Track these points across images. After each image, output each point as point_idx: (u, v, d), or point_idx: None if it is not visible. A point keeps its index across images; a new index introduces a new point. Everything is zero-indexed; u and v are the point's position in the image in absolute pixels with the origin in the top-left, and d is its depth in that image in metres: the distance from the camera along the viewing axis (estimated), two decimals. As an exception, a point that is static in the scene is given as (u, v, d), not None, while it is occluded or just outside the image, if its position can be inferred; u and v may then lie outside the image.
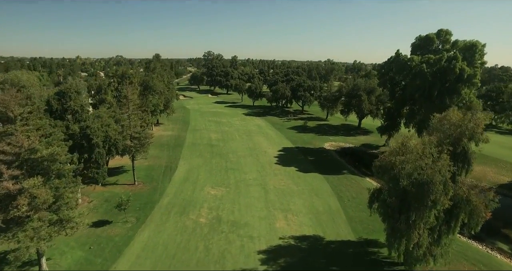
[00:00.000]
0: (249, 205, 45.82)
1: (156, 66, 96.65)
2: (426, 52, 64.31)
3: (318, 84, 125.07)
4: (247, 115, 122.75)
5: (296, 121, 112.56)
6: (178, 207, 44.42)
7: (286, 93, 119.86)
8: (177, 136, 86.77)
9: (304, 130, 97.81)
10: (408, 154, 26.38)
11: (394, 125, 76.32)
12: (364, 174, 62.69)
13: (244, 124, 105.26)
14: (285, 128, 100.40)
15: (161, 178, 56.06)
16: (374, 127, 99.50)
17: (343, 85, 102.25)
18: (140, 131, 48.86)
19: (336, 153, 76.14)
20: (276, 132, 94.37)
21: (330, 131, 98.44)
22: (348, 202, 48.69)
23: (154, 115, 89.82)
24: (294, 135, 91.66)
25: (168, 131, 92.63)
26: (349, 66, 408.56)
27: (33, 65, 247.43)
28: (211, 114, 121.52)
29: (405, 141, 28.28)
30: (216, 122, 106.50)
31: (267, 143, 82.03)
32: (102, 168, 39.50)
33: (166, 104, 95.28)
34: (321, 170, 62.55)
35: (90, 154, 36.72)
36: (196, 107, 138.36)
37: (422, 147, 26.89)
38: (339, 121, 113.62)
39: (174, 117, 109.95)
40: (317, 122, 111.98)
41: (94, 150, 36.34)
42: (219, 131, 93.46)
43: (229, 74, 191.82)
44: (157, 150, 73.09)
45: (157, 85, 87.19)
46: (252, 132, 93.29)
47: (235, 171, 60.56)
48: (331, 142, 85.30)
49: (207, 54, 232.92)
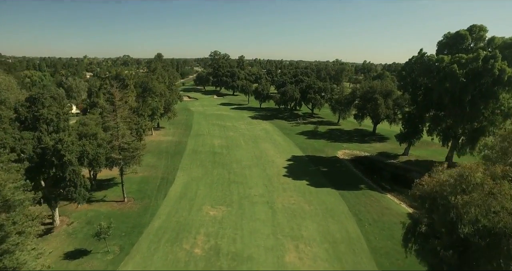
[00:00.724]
0: (254, 231, 39.11)
1: (157, 67, 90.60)
2: (456, 51, 56.72)
3: (329, 86, 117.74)
4: (253, 118, 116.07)
5: (305, 125, 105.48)
6: (170, 233, 37.95)
7: (295, 96, 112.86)
8: (177, 142, 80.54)
9: (315, 136, 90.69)
10: (474, 193, 19.18)
11: (415, 132, 68.81)
12: (384, 189, 55.46)
13: (250, 128, 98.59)
14: (294, 134, 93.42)
15: (154, 193, 49.72)
16: (390, 134, 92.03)
17: (356, 88, 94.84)
18: (129, 141, 42.52)
19: (351, 163, 68.91)
20: (285, 139, 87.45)
21: (343, 137, 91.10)
22: (369, 226, 41.59)
23: (153, 119, 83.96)
24: (304, 142, 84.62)
25: (169, 136, 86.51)
26: (358, 67, 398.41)
27: (38, 65, 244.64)
28: (216, 118, 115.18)
29: (466, 172, 20.85)
30: (221, 127, 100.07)
31: (275, 151, 75.21)
32: (80, 187, 33.28)
33: (167, 107, 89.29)
34: (336, 184, 55.51)
35: (62, 172, 30.56)
36: (200, 110, 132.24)
37: (491, 183, 19.57)
38: (352, 126, 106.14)
39: (176, 121, 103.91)
40: (328, 127, 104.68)
41: (66, 168, 30.18)
42: (223, 137, 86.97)
43: (236, 75, 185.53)
44: (154, 158, 66.98)
45: (157, 87, 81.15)
46: (258, 138, 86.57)
47: (238, 185, 53.93)
48: (344, 150, 78.05)
49: (213, 53, 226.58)
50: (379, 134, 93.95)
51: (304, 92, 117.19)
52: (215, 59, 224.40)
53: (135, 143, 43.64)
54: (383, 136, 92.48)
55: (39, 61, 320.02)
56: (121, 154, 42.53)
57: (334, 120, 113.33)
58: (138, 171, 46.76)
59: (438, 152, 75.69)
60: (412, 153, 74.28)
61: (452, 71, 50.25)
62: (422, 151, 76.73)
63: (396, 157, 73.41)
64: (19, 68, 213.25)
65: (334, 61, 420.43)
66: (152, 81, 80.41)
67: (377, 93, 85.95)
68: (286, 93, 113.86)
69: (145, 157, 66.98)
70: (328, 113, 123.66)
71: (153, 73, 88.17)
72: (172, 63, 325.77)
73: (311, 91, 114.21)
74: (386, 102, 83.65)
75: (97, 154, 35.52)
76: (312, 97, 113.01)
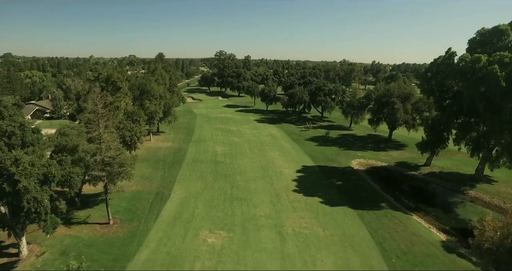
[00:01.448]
0: (259, 265, 32.57)
1: (157, 67, 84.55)
2: (492, 50, 49.50)
3: (340, 88, 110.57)
4: (259, 122, 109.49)
5: (315, 130, 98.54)
6: (159, 268, 31.58)
7: (304, 98, 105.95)
8: (177, 149, 74.37)
9: (326, 143, 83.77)
10: None
11: (439, 141, 61.55)
12: (408, 207, 48.53)
13: (256, 134, 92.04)
14: (303, 140, 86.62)
15: (146, 212, 43.49)
16: (408, 140, 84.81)
17: (371, 90, 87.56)
18: (114, 156, 36.30)
19: (368, 175, 61.93)
20: (293, 145, 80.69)
21: (356, 144, 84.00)
22: (398, 260, 34.72)
23: (152, 124, 77.97)
24: (315, 149, 77.78)
25: (168, 142, 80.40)
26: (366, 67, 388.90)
27: (42, 65, 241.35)
28: (220, 121, 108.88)
29: None
30: (224, 131, 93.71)
31: (283, 160, 68.56)
32: (46, 215, 27.10)
33: (167, 110, 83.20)
34: (353, 202, 48.69)
35: (18, 201, 24.36)
36: (203, 112, 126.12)
37: None
38: (365, 131, 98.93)
39: (177, 124, 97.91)
40: (340, 132, 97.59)
41: (23, 196, 23.94)
42: (227, 143, 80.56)
43: (241, 75, 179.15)
44: (150, 168, 60.89)
45: (155, 89, 75.10)
46: (265, 145, 79.96)
47: (242, 202, 47.45)
48: (359, 159, 71.04)
49: (218, 53, 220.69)
50: (395, 141, 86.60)
51: (313, 95, 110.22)
52: (220, 59, 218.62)
53: (122, 156, 37.34)
54: (399, 142, 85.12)
55: (47, 61, 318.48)
56: (105, 169, 36.34)
57: (346, 125, 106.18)
58: (124, 189, 40.31)
59: (464, 162, 68.32)
60: (434, 163, 66.97)
61: (493, 73, 43.01)
62: (445, 160, 69.35)
63: (417, 167, 66.15)
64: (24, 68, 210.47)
65: (341, 61, 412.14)
66: (151, 83, 74.36)
67: (394, 97, 78.68)
68: (294, 95, 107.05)
69: (141, 166, 61.16)
70: (338, 117, 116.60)
71: (152, 74, 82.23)
72: (178, 63, 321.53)
73: (321, 94, 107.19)
74: (404, 107, 76.33)
75: (69, 174, 29.33)
76: (322, 100, 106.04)
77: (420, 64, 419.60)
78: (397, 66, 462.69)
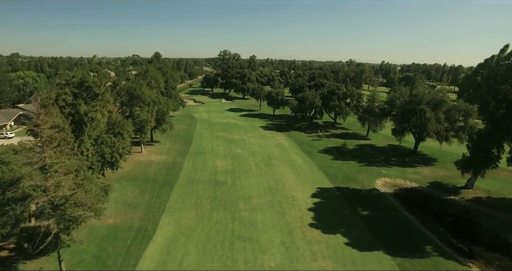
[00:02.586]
0: None
1: (149, 69, 74.16)
2: None
3: (355, 91, 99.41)
4: (266, 129, 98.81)
5: (328, 139, 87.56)
6: None
7: (316, 103, 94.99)
8: (171, 164, 64.04)
9: (343, 156, 72.87)
10: None
11: (487, 159, 50.39)
12: (462, 252, 37.47)
13: (263, 144, 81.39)
14: (316, 152, 75.79)
15: (119, 262, 33.10)
16: (438, 154, 73.85)
17: (395, 95, 76.35)
18: (68, 195, 25.91)
19: (398, 201, 50.94)
20: (305, 159, 69.91)
21: (378, 157, 72.90)
22: None
23: (143, 134, 67.73)
24: (330, 164, 66.95)
25: (162, 154, 70.10)
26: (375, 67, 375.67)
27: (40, 65, 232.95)
28: (222, 128, 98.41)
29: None
30: (227, 141, 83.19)
31: (295, 179, 57.90)
32: None
33: (160, 118, 72.95)
34: (387, 244, 37.89)
35: None
36: (205, 117, 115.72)
37: None
38: (385, 140, 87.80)
39: (175, 132, 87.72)
40: (356, 141, 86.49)
41: None
42: (229, 156, 70.04)
43: (246, 76, 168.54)
44: (136, 191, 50.62)
45: (147, 94, 64.86)
46: (273, 158, 69.30)
47: (246, 244, 36.92)
48: (384, 178, 60.07)
49: (222, 53, 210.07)
50: (422, 154, 75.30)
51: (325, 99, 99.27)
52: (224, 59, 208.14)
53: (80, 195, 26.90)
54: (428, 156, 73.81)
55: (50, 61, 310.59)
56: (54, 214, 26.00)
57: (362, 133, 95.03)
58: (83, 241, 29.71)
59: (512, 183, 57.16)
60: (477, 184, 55.84)
61: None
62: (489, 181, 58.09)
63: (457, 190, 55.00)
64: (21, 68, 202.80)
65: (347, 61, 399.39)
66: (141, 87, 64.12)
67: (423, 104, 67.47)
68: (305, 99, 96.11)
69: (125, 188, 51.15)
70: (352, 123, 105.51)
71: (144, 77, 72.02)
72: (180, 63, 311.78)
73: (334, 98, 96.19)
74: (436, 116, 65.10)
75: None
76: (336, 105, 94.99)
77: (431, 65, 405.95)
78: (406, 67, 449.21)
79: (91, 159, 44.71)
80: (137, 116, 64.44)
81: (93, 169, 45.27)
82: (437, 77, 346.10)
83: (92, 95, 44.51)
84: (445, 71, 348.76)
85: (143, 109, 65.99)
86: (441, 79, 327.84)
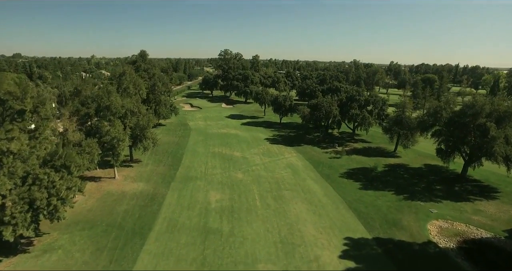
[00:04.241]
0: None
1: (125, 72, 58.21)
2: None
3: (380, 97, 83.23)
4: (272, 142, 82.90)
5: (349, 157, 71.50)
6: None
7: (333, 112, 78.92)
8: (149, 197, 48.35)
9: (372, 182, 56.95)
10: None
11: None
12: None
13: (269, 164, 65.54)
14: (337, 176, 59.92)
15: None
16: (492, 178, 58.20)
17: (440, 106, 60.02)
18: None
19: (470, 263, 34.88)
20: (326, 188, 54.00)
21: (416, 184, 56.82)
22: None
23: (116, 156, 52.00)
24: (360, 196, 51.00)
25: (141, 181, 54.40)
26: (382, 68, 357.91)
27: (29, 66, 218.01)
28: (220, 140, 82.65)
29: None
30: (225, 160, 67.36)
31: (316, 222, 42.04)
32: None
33: (140, 133, 57.33)
34: None
35: None
36: (201, 126, 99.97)
37: None
38: (418, 158, 71.72)
39: (162, 147, 72.55)
40: (383, 160, 70.34)
41: None
42: (227, 184, 54.26)
43: (249, 78, 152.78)
44: (90, 249, 34.99)
45: (118, 104, 49.26)
46: (283, 187, 53.47)
47: None
48: (437, 221, 44.02)
49: (223, 52, 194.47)
50: (473, 179, 59.11)
51: (343, 106, 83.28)
52: (225, 59, 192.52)
53: None
54: (481, 183, 57.58)
55: (49, 62, 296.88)
56: None
57: (388, 148, 78.89)
58: None
59: None
60: None
61: None
62: None
63: (549, 244, 38.80)
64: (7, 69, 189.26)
65: (352, 62, 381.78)
66: (110, 96, 48.49)
67: (483, 117, 51.27)
68: (320, 107, 79.96)
69: (75, 244, 35.69)
70: (373, 134, 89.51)
71: (119, 82, 56.49)
72: (179, 63, 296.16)
73: (355, 105, 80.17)
74: (504, 133, 48.77)
75: None
76: (357, 115, 78.93)
77: (443, 65, 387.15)
78: (415, 67, 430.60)
79: (11, 210, 29.28)
80: (107, 133, 48.89)
81: (16, 224, 29.84)
82: (449, 78, 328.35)
83: (11, 113, 28.83)
84: (458, 72, 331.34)
85: (114, 124, 50.37)
86: (454, 80, 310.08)
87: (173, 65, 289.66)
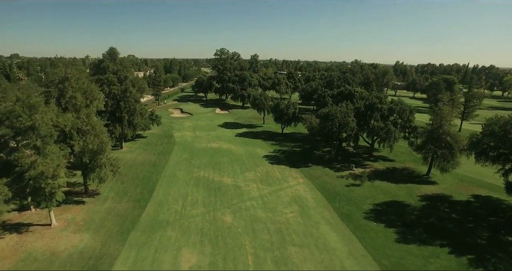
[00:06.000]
0: None
1: (67, 77, 41.52)
2: None
3: (406, 106, 67.00)
4: (273, 161, 66.78)
5: (372, 183, 55.48)
6: None
7: (350, 124, 62.74)
8: (91, 263, 32.26)
9: (411, 229, 40.90)
10: None
11: None
12: None
13: (269, 197, 49.47)
14: (361, 216, 43.94)
15: None
16: None
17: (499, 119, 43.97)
18: None
19: None
20: (349, 240, 37.92)
21: (475, 231, 40.81)
22: None
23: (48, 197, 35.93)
24: (400, 256, 34.93)
25: (87, 231, 38.30)
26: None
27: (9, 66, 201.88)
28: (208, 159, 66.60)
29: None
30: (210, 190, 51.27)
31: None
32: None
33: (91, 161, 41.30)
34: None
35: None
36: (188, 138, 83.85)
37: None
38: (459, 185, 55.86)
39: (132, 171, 56.58)
40: (416, 187, 54.41)
41: None
42: (208, 235, 38.16)
43: (246, 80, 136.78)
44: None
45: (44, 122, 33.26)
46: (289, 240, 37.41)
47: None
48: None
49: (219, 52, 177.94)
50: (549, 221, 43.16)
51: (362, 115, 67.25)
52: (221, 59, 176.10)
53: None
54: None
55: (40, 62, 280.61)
56: None
57: (417, 169, 62.84)
58: None
59: None
60: None
61: None
62: None
63: None
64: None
65: (353, 62, 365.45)
66: (34, 112, 32.47)
67: None
68: (332, 118, 63.73)
69: None
70: (396, 148, 73.06)
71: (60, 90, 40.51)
72: (174, 63, 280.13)
73: (376, 115, 64.12)
74: None
75: None
76: (381, 128, 62.85)
77: (450, 65, 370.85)
78: (421, 67, 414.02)
79: None
80: (29, 168, 32.97)
81: None
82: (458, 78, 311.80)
83: None
84: (468, 72, 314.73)
85: (45, 152, 34.37)
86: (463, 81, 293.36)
87: (167, 66, 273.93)
